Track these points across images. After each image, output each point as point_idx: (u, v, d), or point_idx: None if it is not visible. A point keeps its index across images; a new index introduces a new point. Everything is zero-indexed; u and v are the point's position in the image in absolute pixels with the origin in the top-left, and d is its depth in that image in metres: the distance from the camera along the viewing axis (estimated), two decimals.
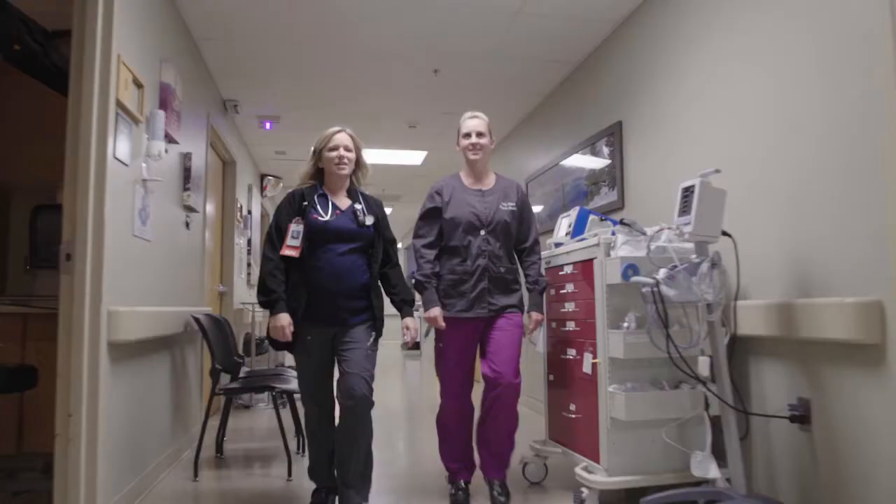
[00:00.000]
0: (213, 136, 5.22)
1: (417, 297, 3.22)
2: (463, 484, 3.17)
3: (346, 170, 2.98)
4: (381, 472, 3.30)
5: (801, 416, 2.52)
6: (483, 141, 3.18)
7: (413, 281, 3.20)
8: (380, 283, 3.06)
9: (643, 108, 3.86)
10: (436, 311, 3.08)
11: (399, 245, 16.98)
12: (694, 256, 2.55)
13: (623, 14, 4.04)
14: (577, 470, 2.95)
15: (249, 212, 7.36)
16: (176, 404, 3.95)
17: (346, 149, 2.97)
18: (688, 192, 2.53)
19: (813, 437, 2.49)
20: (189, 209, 4.19)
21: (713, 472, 2.59)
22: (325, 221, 2.90)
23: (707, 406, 2.66)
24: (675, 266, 2.51)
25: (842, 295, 2.32)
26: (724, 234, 2.58)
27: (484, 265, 3.10)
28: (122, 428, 2.93)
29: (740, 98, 2.95)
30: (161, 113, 3.33)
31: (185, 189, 4.09)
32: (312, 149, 3.04)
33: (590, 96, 4.67)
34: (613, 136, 4.21)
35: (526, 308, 3.22)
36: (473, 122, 3.20)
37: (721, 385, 2.54)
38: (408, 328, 3.05)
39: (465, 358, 3.17)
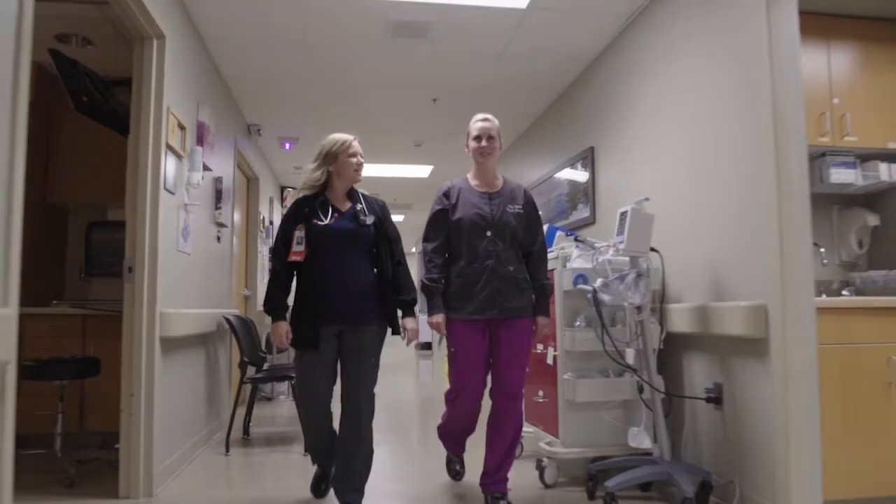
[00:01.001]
0: (239, 157, 5.91)
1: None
2: (460, 456, 3.59)
3: (361, 176, 3.14)
4: (389, 471, 3.92)
5: (715, 397, 3.13)
6: (493, 144, 3.19)
7: (420, 284, 3.21)
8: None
9: (610, 135, 4.47)
10: (439, 318, 3.11)
11: (413, 249, 17.71)
12: (627, 268, 3.17)
13: (593, 54, 4.67)
14: (541, 444, 3.58)
15: (271, 222, 8.05)
16: (209, 392, 4.63)
17: (362, 156, 3.14)
18: (623, 216, 3.16)
19: (724, 413, 3.10)
20: (220, 225, 4.87)
21: (646, 443, 3.20)
22: (326, 225, 2.99)
23: (641, 390, 3.26)
24: (609, 277, 3.13)
25: (741, 299, 2.93)
26: (653, 249, 3.21)
27: (492, 266, 3.08)
28: (170, 408, 3.59)
29: (674, 130, 3.57)
30: (199, 149, 4.01)
31: (217, 208, 4.76)
32: (323, 152, 3.10)
33: (569, 124, 5.28)
34: (587, 160, 4.82)
35: (534, 310, 3.21)
36: (483, 124, 3.19)
37: (649, 373, 3.15)
38: (406, 329, 3.11)
39: (478, 359, 3.12)
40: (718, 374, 3.14)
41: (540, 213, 3.35)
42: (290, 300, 3.11)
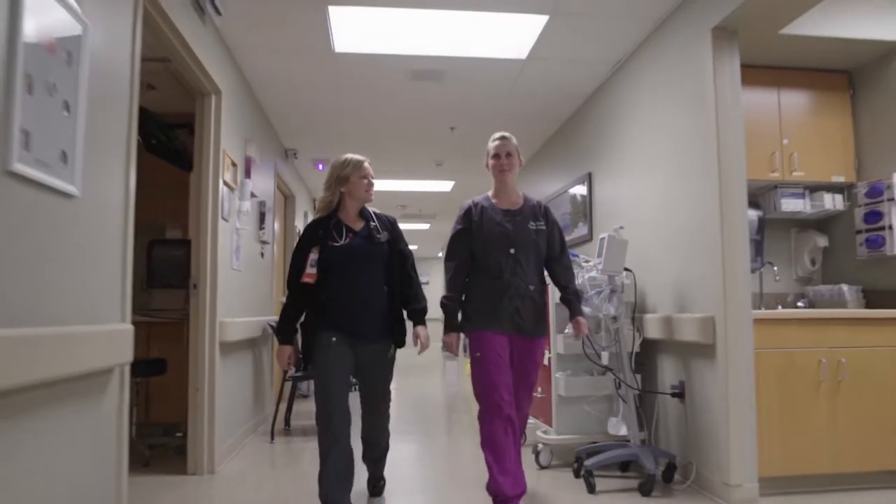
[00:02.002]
0: (278, 179, 6.62)
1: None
2: None
3: (373, 196, 3.21)
4: (415, 464, 4.57)
5: (679, 393, 3.73)
6: (511, 161, 3.26)
7: (440, 302, 3.27)
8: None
9: (604, 162, 5.08)
10: (452, 337, 3.23)
11: (439, 254, 18.39)
12: (605, 284, 3.80)
13: (588, 93, 5.29)
14: (538, 432, 4.21)
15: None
16: (256, 388, 5.34)
17: (372, 176, 3.23)
18: (602, 241, 3.78)
19: (686, 406, 3.71)
20: (263, 243, 5.58)
21: (623, 430, 3.82)
22: (341, 246, 3.06)
23: (619, 386, 3.88)
24: (588, 292, 3.77)
25: (696, 312, 3.54)
26: (627, 269, 3.83)
27: (515, 283, 3.15)
28: (226, 401, 4.30)
29: (650, 163, 4.18)
30: (248, 181, 4.72)
31: (261, 228, 5.47)
32: (335, 175, 3.19)
33: (573, 149, 5.90)
34: (586, 183, 5.43)
35: (570, 315, 3.35)
36: (500, 143, 3.27)
37: (624, 372, 3.77)
38: (418, 336, 3.15)
39: (500, 368, 3.10)
40: (682, 373, 3.75)
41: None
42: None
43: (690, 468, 3.58)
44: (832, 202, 3.97)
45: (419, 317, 3.25)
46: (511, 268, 3.17)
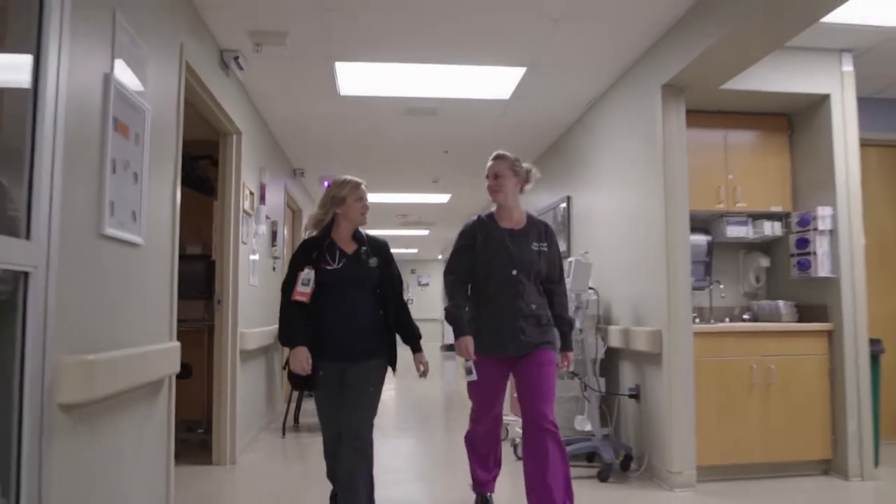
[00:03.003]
0: (287, 196, 7.24)
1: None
2: (489, 496, 3.40)
3: (367, 219, 3.19)
4: (414, 461, 5.19)
5: (635, 394, 4.35)
6: (500, 182, 3.27)
7: (445, 312, 3.31)
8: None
9: (580, 188, 5.68)
10: (466, 340, 3.13)
11: (439, 256, 19.03)
12: (572, 301, 4.42)
13: (566, 126, 5.91)
14: (517, 428, 4.82)
15: None
16: (269, 390, 5.97)
17: (367, 200, 3.22)
18: (570, 264, 4.39)
19: (641, 406, 4.32)
20: (275, 258, 6.20)
21: (587, 427, 4.43)
22: (333, 270, 3.06)
23: (584, 389, 4.49)
24: None
25: (647, 326, 4.15)
26: (591, 288, 4.45)
27: (516, 304, 3.15)
28: (245, 402, 4.92)
29: (616, 192, 4.79)
30: (263, 207, 5.34)
31: (273, 245, 6.09)
32: (331, 195, 3.18)
33: (556, 172, 6.49)
34: (566, 205, 6.04)
35: (559, 347, 3.32)
36: (491, 164, 3.33)
37: (588, 376, 4.38)
38: (420, 363, 3.18)
39: (496, 393, 3.23)
40: (638, 377, 4.36)
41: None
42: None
43: (643, 458, 4.20)
44: (772, 229, 4.57)
45: (417, 343, 3.22)
46: (513, 289, 3.16)
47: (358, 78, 4.76)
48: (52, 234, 1.97)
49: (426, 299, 19.63)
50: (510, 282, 3.16)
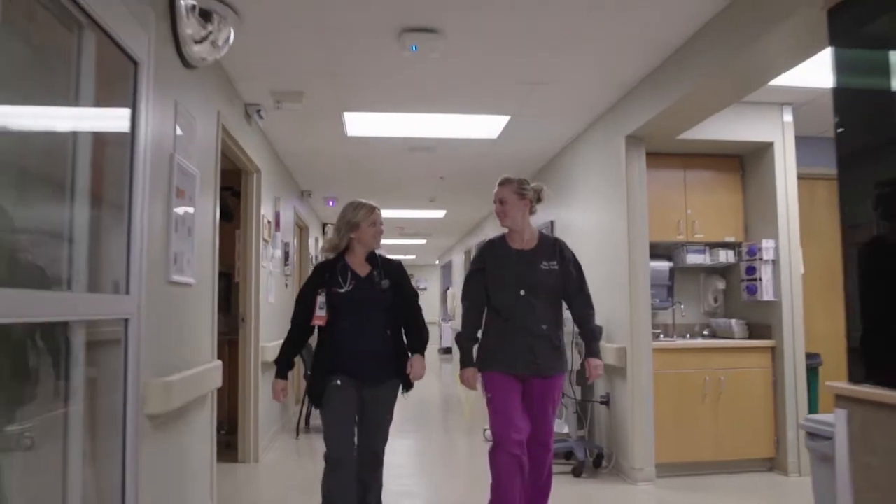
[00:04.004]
0: (296, 216, 7.89)
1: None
2: None
3: (381, 243, 3.30)
4: (414, 460, 5.84)
5: (606, 401, 5.00)
6: (506, 207, 3.33)
7: (455, 336, 3.46)
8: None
9: (563, 214, 6.34)
10: (469, 372, 3.25)
11: (436, 261, 19.72)
12: None
13: (549, 157, 6.58)
14: None
15: (316, 256, 10.05)
16: None
17: (382, 224, 3.30)
18: None
19: (611, 412, 4.98)
20: (287, 276, 6.85)
21: (565, 429, 5.09)
22: (346, 292, 3.15)
23: (563, 395, 5.13)
24: None
25: (615, 342, 4.81)
26: None
27: (526, 325, 3.20)
28: (264, 406, 5.57)
29: (592, 222, 5.45)
30: (278, 234, 6.00)
31: (286, 265, 6.75)
32: (346, 219, 3.25)
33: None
34: (549, 229, 6.69)
35: (584, 355, 3.41)
36: (497, 190, 3.40)
37: (565, 384, 5.04)
38: (412, 366, 3.19)
39: (515, 401, 3.22)
40: (609, 387, 5.02)
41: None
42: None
43: (613, 457, 4.86)
44: (726, 257, 5.23)
45: (419, 347, 3.26)
46: (522, 309, 3.21)
47: (363, 122, 5.42)
48: (142, 288, 2.63)
49: (425, 303, 20.11)
50: (519, 302, 3.22)
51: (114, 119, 2.68)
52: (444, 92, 4.66)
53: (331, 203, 8.93)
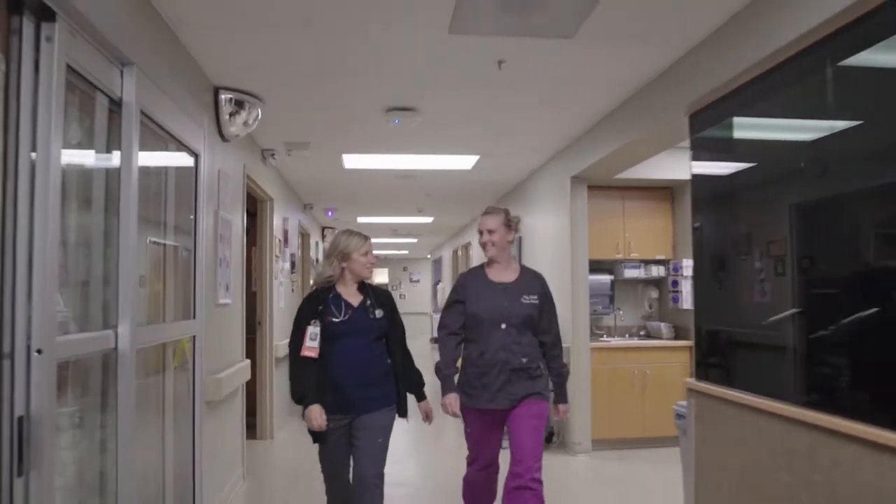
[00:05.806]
0: (299, 226, 8.99)
1: None
2: None
3: (373, 273, 3.34)
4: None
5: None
6: (493, 238, 3.29)
7: (435, 367, 3.38)
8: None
9: (527, 232, 7.45)
10: (451, 398, 3.23)
11: (428, 256, 20.83)
12: None
13: (516, 184, 7.68)
14: None
15: (317, 259, 11.15)
16: None
17: (374, 256, 3.33)
18: None
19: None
20: (293, 281, 7.96)
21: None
22: (340, 322, 3.16)
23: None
24: None
25: (565, 343, 5.93)
26: None
27: (504, 358, 3.18)
28: (278, 393, 6.69)
29: (549, 242, 6.56)
30: (287, 249, 7.10)
31: (293, 272, 7.86)
32: (337, 249, 3.25)
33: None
34: (518, 246, 7.80)
35: (552, 400, 3.42)
36: (483, 219, 3.36)
37: None
38: (424, 411, 3.29)
39: (490, 443, 3.31)
40: None
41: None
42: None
43: (560, 434, 6.01)
44: (658, 271, 6.35)
45: (420, 392, 3.36)
46: (501, 342, 3.20)
47: (358, 159, 6.53)
48: (201, 312, 3.73)
49: (417, 295, 21.60)
50: (499, 336, 3.21)
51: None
52: (423, 142, 5.77)
53: (330, 213, 10.04)
